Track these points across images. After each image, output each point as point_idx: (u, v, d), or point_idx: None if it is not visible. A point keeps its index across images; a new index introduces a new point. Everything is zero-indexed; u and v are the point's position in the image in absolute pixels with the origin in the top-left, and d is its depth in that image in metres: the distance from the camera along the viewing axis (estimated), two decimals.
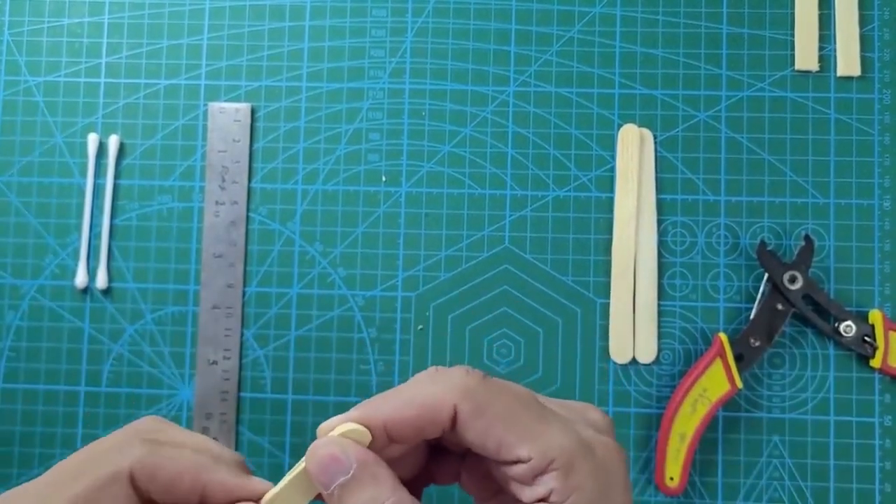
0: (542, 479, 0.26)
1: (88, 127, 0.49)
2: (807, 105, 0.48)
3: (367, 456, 0.26)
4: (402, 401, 0.27)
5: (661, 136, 0.48)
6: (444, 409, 0.26)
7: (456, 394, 0.26)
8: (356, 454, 0.26)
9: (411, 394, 0.27)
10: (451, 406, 0.26)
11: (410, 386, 0.27)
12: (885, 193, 0.47)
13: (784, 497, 0.45)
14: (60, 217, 0.48)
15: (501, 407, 0.26)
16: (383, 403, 0.27)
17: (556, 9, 0.49)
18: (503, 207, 0.48)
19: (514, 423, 0.26)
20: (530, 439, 0.26)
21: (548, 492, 0.26)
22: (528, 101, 0.49)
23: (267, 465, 0.47)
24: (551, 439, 0.26)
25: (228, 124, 0.49)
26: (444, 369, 0.28)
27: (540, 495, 0.26)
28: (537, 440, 0.26)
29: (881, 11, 0.48)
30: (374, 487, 0.26)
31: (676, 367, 0.47)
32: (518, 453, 0.26)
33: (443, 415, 0.26)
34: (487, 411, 0.26)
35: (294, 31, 0.50)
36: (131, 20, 0.50)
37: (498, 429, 0.26)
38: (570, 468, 0.26)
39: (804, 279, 0.45)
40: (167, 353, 0.47)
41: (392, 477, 0.26)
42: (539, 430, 0.26)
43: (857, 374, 0.46)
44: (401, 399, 0.27)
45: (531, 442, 0.26)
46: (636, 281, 0.47)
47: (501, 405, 0.26)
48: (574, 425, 0.27)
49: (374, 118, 0.49)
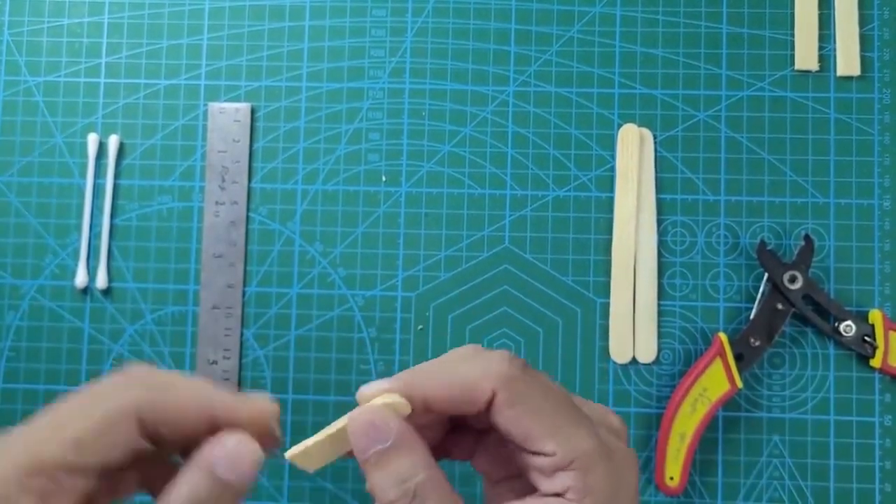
0: (562, 474, 0.27)
1: (88, 127, 0.49)
2: (807, 105, 0.48)
3: (408, 430, 0.27)
4: (445, 378, 0.28)
5: (661, 135, 0.48)
6: (484, 393, 0.27)
7: (497, 380, 0.27)
8: (397, 427, 0.27)
9: (454, 372, 0.28)
10: (491, 391, 0.27)
11: (453, 362, 0.28)
12: (884, 193, 0.47)
13: (784, 497, 0.45)
14: (60, 217, 0.48)
15: (537, 400, 0.27)
16: (427, 378, 0.28)
17: (556, 8, 0.49)
18: (503, 207, 0.48)
19: (546, 418, 0.27)
20: (558, 436, 0.27)
21: (565, 488, 0.27)
22: (527, 101, 0.49)
23: (267, 465, 0.47)
24: (577, 440, 0.27)
25: (228, 124, 0.49)
26: (486, 351, 0.29)
27: (557, 489, 0.27)
28: (564, 438, 0.27)
29: (881, 11, 0.48)
30: (410, 460, 0.27)
31: (676, 366, 0.47)
32: (544, 447, 0.27)
33: (481, 398, 0.27)
34: (523, 402, 0.27)
35: (294, 31, 0.50)
36: (131, 20, 0.50)
37: (529, 420, 0.27)
38: (588, 469, 0.27)
39: (804, 279, 0.45)
40: (167, 353, 0.47)
41: (427, 453, 0.27)
42: (567, 429, 0.27)
43: (857, 374, 0.46)
44: (444, 376, 0.28)
45: (558, 438, 0.27)
46: (636, 281, 0.47)
47: (537, 398, 0.27)
48: (598, 429, 0.28)
49: (374, 118, 0.49)
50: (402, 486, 0.27)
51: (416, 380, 0.28)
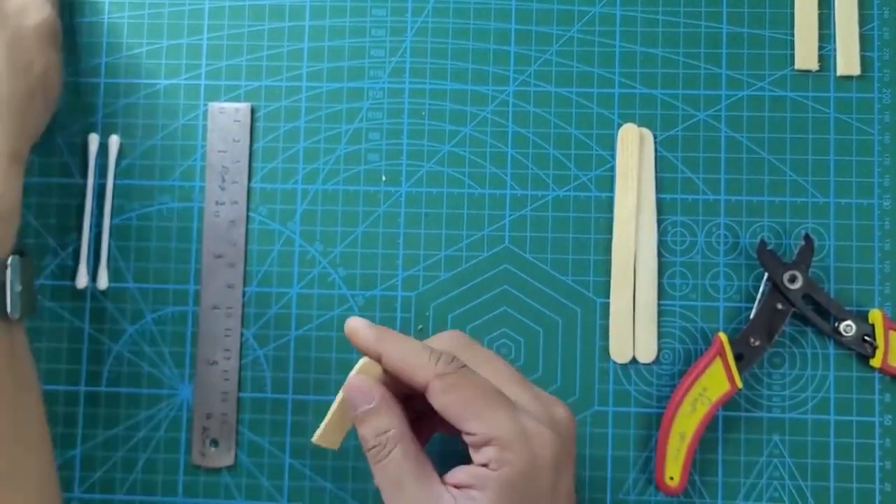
0: (485, 449, 0.34)
1: (88, 127, 0.49)
2: (807, 104, 0.48)
3: (387, 395, 0.36)
4: (399, 354, 0.36)
5: (661, 135, 0.48)
6: (421, 380, 0.36)
7: (433, 375, 0.35)
8: (380, 392, 0.36)
9: (408, 352, 0.36)
10: (426, 381, 0.35)
11: (413, 344, 0.37)
12: (884, 193, 0.47)
13: (784, 496, 0.46)
14: (60, 217, 0.48)
15: (465, 393, 0.35)
16: (390, 345, 0.37)
17: (556, 8, 0.49)
18: (503, 207, 0.48)
19: (470, 406, 0.35)
20: (480, 419, 0.35)
21: (488, 459, 0.34)
22: (527, 101, 0.49)
23: (267, 466, 0.47)
24: (495, 422, 0.34)
25: (228, 124, 0.49)
26: (441, 346, 0.38)
27: (483, 461, 0.34)
28: (485, 421, 0.34)
29: (881, 11, 0.48)
30: (387, 417, 0.36)
31: (676, 366, 0.47)
32: (469, 428, 0.35)
33: (419, 381, 0.36)
34: (453, 393, 0.35)
35: (294, 31, 0.50)
36: (131, 20, 0.50)
37: (457, 406, 0.35)
38: (505, 446, 0.34)
39: (804, 279, 0.45)
40: (167, 353, 0.47)
41: (401, 413, 0.36)
42: (488, 414, 0.35)
43: (857, 374, 0.46)
44: (400, 352, 0.36)
45: (480, 421, 0.35)
46: (636, 281, 0.47)
47: (465, 392, 0.35)
48: (520, 415, 0.35)
49: (374, 118, 0.49)
50: (379, 438, 0.36)
51: (384, 340, 0.37)
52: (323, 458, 0.46)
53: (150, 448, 0.47)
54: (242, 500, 0.46)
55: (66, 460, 0.47)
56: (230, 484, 0.47)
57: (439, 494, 0.35)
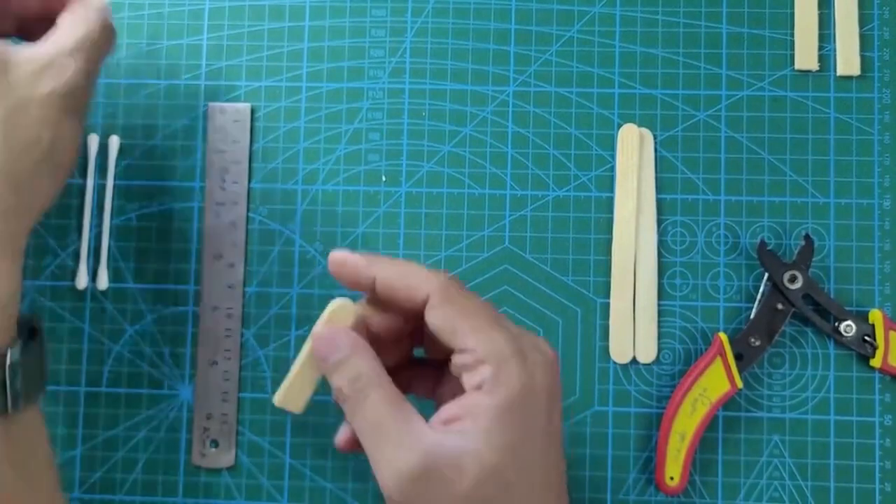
0: (481, 368, 0.33)
1: (88, 127, 0.49)
2: (806, 104, 0.48)
3: (358, 341, 0.35)
4: (395, 270, 0.35)
5: (661, 135, 0.48)
6: (421, 291, 0.34)
7: (434, 284, 0.34)
8: (351, 340, 0.35)
9: (404, 269, 0.35)
10: (427, 292, 0.34)
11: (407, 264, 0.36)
12: (884, 193, 0.47)
13: (784, 496, 0.46)
14: (60, 217, 0.48)
15: (464, 305, 0.34)
16: (384, 264, 0.35)
17: (556, 8, 0.49)
18: (503, 207, 0.48)
19: (470, 319, 0.33)
20: (478, 334, 0.33)
21: (482, 380, 0.32)
22: (527, 101, 0.49)
23: (267, 466, 0.47)
24: (494, 339, 0.33)
25: (228, 124, 0.49)
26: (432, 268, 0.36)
27: (477, 383, 0.33)
28: (483, 336, 0.33)
29: (881, 11, 0.48)
30: (361, 364, 0.34)
31: (676, 366, 0.47)
32: (466, 342, 0.33)
33: (418, 295, 0.34)
34: (453, 304, 0.34)
35: (294, 31, 0.50)
36: (131, 20, 0.50)
37: (456, 318, 0.33)
38: (501, 365, 0.32)
39: (804, 279, 0.45)
40: (167, 353, 0.47)
41: (375, 356, 0.35)
42: (487, 330, 0.33)
43: (857, 374, 0.46)
44: (396, 269, 0.35)
45: (478, 336, 0.33)
46: (636, 281, 0.47)
47: (465, 304, 0.34)
48: (518, 339, 0.34)
49: (374, 118, 0.49)
50: (354, 385, 0.34)
51: (376, 263, 0.35)
52: (323, 458, 0.46)
53: (151, 448, 0.47)
54: (242, 500, 0.46)
55: (66, 460, 0.47)
56: (230, 484, 0.47)
57: (423, 432, 0.33)
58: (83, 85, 0.39)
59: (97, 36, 0.39)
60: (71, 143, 0.39)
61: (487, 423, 0.32)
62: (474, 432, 0.32)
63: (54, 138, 0.38)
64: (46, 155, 0.37)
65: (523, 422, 0.33)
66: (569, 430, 0.46)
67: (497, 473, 0.32)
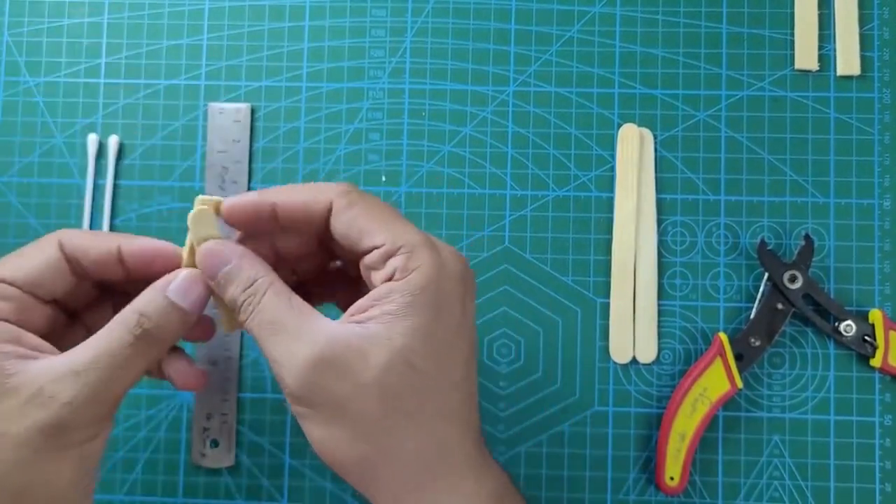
0: (391, 260, 0.32)
1: (88, 127, 0.49)
2: (807, 104, 0.48)
3: (244, 250, 0.34)
4: (292, 190, 0.34)
5: (661, 135, 0.48)
6: (323, 200, 0.33)
7: (334, 193, 0.33)
8: (235, 250, 0.34)
9: (301, 188, 0.34)
10: (329, 200, 0.33)
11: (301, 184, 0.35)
12: (884, 193, 0.47)
13: (784, 496, 0.46)
14: (60, 217, 0.48)
15: (368, 206, 0.33)
16: (279, 190, 0.34)
17: (556, 8, 0.49)
18: (503, 207, 0.48)
19: (376, 217, 0.33)
20: (386, 230, 0.32)
21: (393, 270, 0.31)
22: (527, 101, 0.49)
23: (267, 466, 0.47)
24: (403, 232, 0.32)
25: (228, 124, 0.49)
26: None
27: (388, 275, 0.31)
28: (392, 231, 0.32)
29: (881, 11, 0.48)
30: (253, 267, 0.33)
31: (676, 366, 0.47)
32: (375, 239, 0.32)
33: (321, 204, 0.33)
34: (356, 207, 0.33)
35: (294, 31, 0.50)
36: (131, 20, 0.50)
37: (363, 219, 0.32)
38: (413, 252, 0.31)
39: (804, 279, 0.45)
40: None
41: (266, 266, 0.33)
42: (394, 225, 0.32)
43: (857, 374, 0.46)
44: (292, 189, 0.34)
45: (387, 231, 0.32)
46: (636, 281, 0.47)
47: (368, 205, 0.33)
48: (428, 235, 0.33)
49: (374, 118, 0.49)
50: (248, 291, 0.32)
51: (270, 191, 0.34)
52: None
53: (151, 448, 0.47)
54: (242, 500, 0.46)
55: None
56: (230, 484, 0.47)
57: (325, 325, 0.31)
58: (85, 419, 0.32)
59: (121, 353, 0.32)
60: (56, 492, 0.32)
61: (397, 307, 0.31)
62: (383, 318, 0.31)
63: (27, 485, 0.31)
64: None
65: (435, 306, 0.31)
66: (569, 430, 0.46)
67: (406, 358, 0.31)
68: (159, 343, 0.33)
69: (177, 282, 0.34)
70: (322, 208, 0.33)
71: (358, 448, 0.31)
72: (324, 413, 0.31)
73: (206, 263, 0.34)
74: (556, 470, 0.46)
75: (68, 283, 0.35)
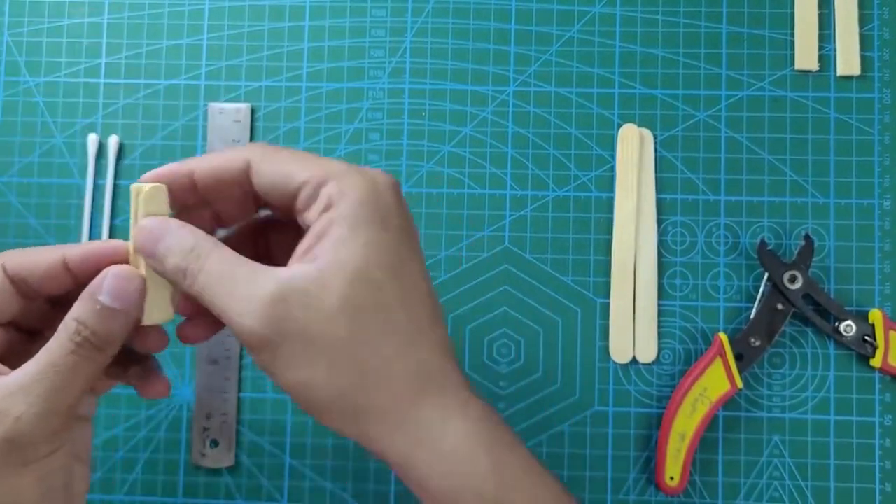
0: (324, 189, 0.31)
1: (88, 127, 0.49)
2: (807, 104, 0.48)
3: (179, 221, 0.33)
4: (207, 157, 0.34)
5: (661, 135, 0.48)
6: (238, 159, 0.33)
7: (247, 150, 0.33)
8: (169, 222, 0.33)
9: (216, 154, 0.34)
10: (245, 158, 0.33)
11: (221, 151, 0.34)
12: (885, 193, 0.47)
13: (784, 496, 0.46)
14: (60, 217, 0.48)
15: (285, 154, 0.33)
16: (193, 160, 0.34)
17: (556, 8, 0.49)
18: (503, 207, 0.48)
19: (298, 159, 0.32)
20: (311, 167, 0.32)
21: (328, 198, 0.31)
22: (527, 101, 0.49)
23: (267, 466, 0.47)
24: (328, 163, 0.32)
25: (228, 124, 0.49)
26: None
27: (322, 206, 0.31)
28: (316, 164, 0.32)
29: (881, 11, 0.48)
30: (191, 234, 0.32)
31: (676, 366, 0.47)
32: (300, 176, 0.32)
33: (238, 162, 0.33)
34: (274, 157, 0.33)
35: (294, 31, 0.50)
36: (131, 20, 0.50)
37: (285, 164, 0.32)
38: (342, 177, 0.31)
39: (804, 279, 0.45)
40: (167, 353, 0.47)
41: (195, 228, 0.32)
42: (317, 160, 0.32)
43: (857, 374, 0.46)
44: (207, 157, 0.34)
45: (311, 168, 0.32)
46: (636, 281, 0.47)
47: (286, 152, 0.33)
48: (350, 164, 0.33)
49: (374, 118, 0.49)
50: (190, 255, 0.31)
51: (185, 162, 0.34)
52: (323, 458, 0.46)
53: (151, 448, 0.47)
54: (242, 500, 0.46)
55: None
56: (230, 484, 0.47)
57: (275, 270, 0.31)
58: (39, 432, 0.31)
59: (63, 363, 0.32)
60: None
61: (342, 230, 0.30)
62: (332, 246, 0.30)
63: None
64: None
65: (379, 218, 0.31)
66: (569, 430, 0.46)
67: (365, 274, 0.30)
68: (102, 348, 0.32)
69: (107, 282, 0.32)
70: (240, 166, 0.33)
71: (336, 381, 0.30)
72: (293, 349, 0.30)
73: (143, 241, 0.32)
74: (557, 470, 0.46)
75: (18, 305, 0.34)
